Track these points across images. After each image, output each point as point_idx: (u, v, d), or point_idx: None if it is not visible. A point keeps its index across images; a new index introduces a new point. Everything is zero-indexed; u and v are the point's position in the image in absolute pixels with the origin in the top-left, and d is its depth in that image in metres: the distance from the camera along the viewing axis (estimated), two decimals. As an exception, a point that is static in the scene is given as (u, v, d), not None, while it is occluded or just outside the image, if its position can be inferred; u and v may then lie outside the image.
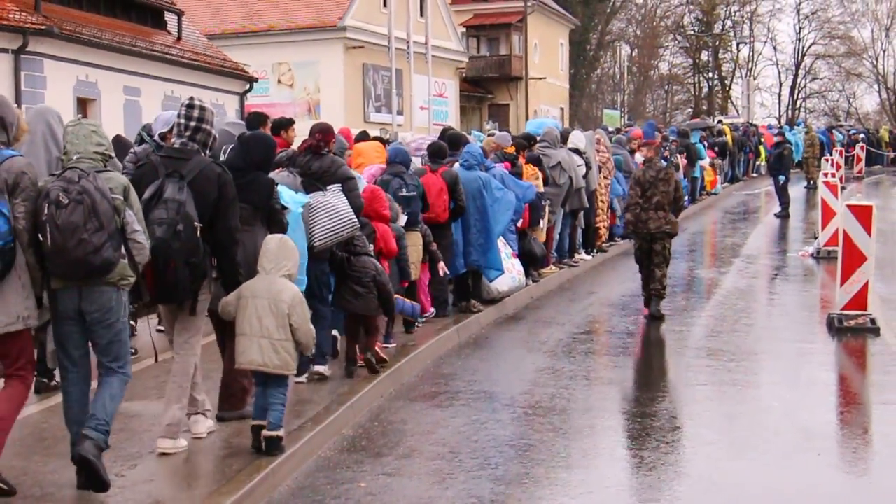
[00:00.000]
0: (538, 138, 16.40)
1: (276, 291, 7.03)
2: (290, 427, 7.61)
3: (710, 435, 8.12)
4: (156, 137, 9.25)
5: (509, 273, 13.61)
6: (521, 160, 14.96)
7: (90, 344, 6.33)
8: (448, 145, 13.78)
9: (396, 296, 9.92)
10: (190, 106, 7.05)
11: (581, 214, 17.41)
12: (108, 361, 6.27)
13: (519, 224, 14.06)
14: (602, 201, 18.60)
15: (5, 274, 5.83)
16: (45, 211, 5.90)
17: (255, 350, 6.98)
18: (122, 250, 6.09)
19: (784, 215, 26.04)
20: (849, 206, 12.37)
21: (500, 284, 13.43)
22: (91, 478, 6.05)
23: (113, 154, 6.45)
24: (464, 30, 55.40)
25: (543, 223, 15.03)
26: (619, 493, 6.80)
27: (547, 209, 15.23)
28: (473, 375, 10.10)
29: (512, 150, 15.11)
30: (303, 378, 8.85)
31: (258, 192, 7.71)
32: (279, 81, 44.15)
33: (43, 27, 25.29)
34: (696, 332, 12.46)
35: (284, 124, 11.18)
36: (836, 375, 10.83)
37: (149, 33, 31.12)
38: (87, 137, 6.25)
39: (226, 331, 7.57)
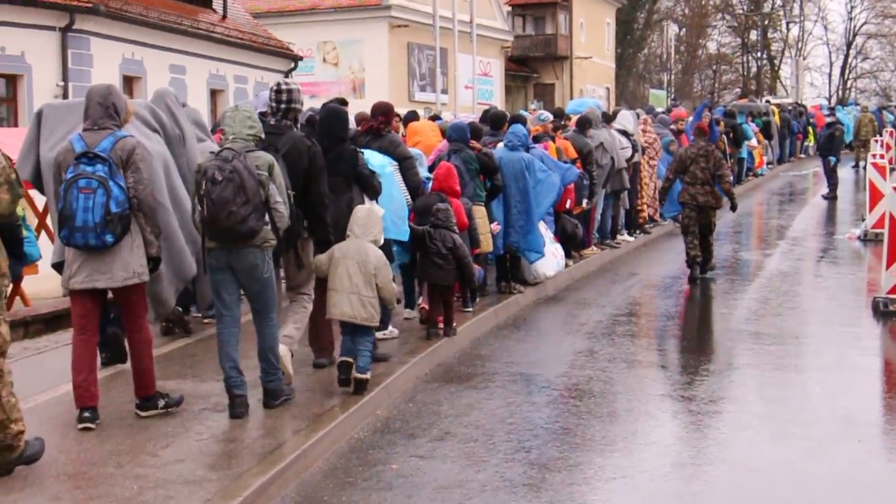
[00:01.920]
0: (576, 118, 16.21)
1: (364, 253, 8.00)
2: (323, 407, 7.61)
3: (750, 420, 7.99)
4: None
5: (554, 257, 13.50)
6: (559, 139, 14.87)
7: (245, 295, 7.38)
8: (490, 125, 13.71)
9: None
10: (278, 91, 8.04)
11: (625, 195, 17.24)
12: (260, 308, 7.38)
13: (568, 205, 13.97)
14: (646, 183, 18.41)
15: (123, 236, 6.80)
16: (203, 186, 6.96)
17: (346, 304, 7.94)
18: (266, 218, 7.08)
19: (832, 197, 25.66)
20: (896, 189, 12.16)
21: (546, 268, 13.32)
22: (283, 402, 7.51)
23: (263, 135, 7.40)
24: (509, 8, 55.11)
25: (585, 203, 14.88)
26: (654, 478, 6.69)
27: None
28: (510, 357, 10.03)
29: (537, 130, 14.94)
30: (381, 334, 9.45)
31: (345, 163, 8.61)
32: (324, 60, 44.15)
33: (89, 5, 25.39)
34: (738, 315, 12.30)
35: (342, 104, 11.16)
36: (881, 361, 10.61)
37: (194, 11, 31.18)
38: (242, 122, 7.25)
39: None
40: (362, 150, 9.24)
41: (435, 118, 15.41)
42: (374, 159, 9.36)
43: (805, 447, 7.30)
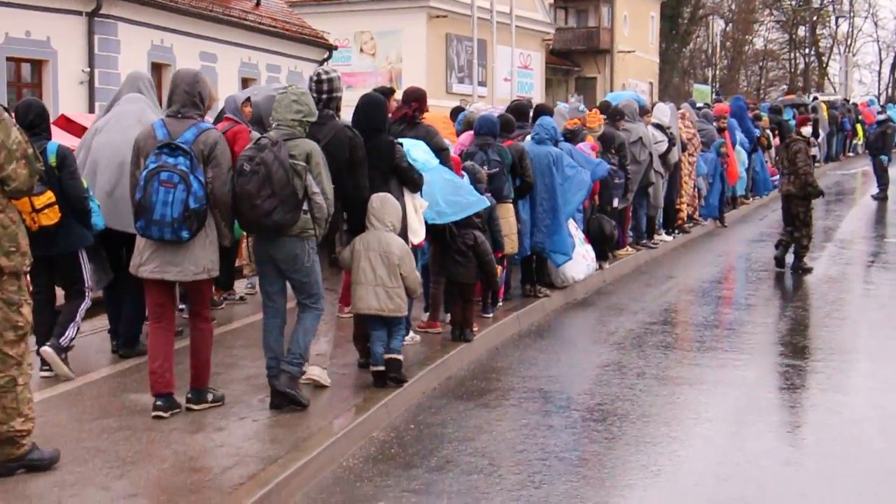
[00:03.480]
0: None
1: (385, 244, 7.73)
2: (310, 429, 6.76)
3: (793, 453, 7.04)
4: None
5: (584, 259, 12.51)
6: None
7: (290, 285, 7.25)
8: (516, 117, 12.79)
9: None
10: (319, 81, 7.76)
11: (660, 192, 16.15)
12: (303, 298, 7.21)
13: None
14: (685, 182, 17.40)
15: (199, 231, 6.72)
16: (234, 177, 6.88)
17: (372, 297, 7.71)
18: (305, 207, 6.91)
19: (882, 197, 24.49)
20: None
21: (575, 272, 12.33)
22: (289, 402, 7.10)
23: (314, 118, 7.18)
24: (551, 1, 54.08)
25: (617, 203, 13.93)
26: (683, 523, 5.78)
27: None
28: (529, 370, 9.12)
29: (574, 122, 14.04)
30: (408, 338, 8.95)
31: (382, 155, 8.10)
32: (361, 50, 43.47)
33: (117, -11, 24.77)
34: (782, 326, 11.35)
35: (386, 93, 10.42)
36: (941, 381, 9.62)
37: (227, -2, 30.48)
38: (288, 107, 7.07)
39: None
40: (400, 140, 8.64)
41: (460, 110, 14.56)
42: (416, 152, 8.91)
43: (860, 488, 6.34)
